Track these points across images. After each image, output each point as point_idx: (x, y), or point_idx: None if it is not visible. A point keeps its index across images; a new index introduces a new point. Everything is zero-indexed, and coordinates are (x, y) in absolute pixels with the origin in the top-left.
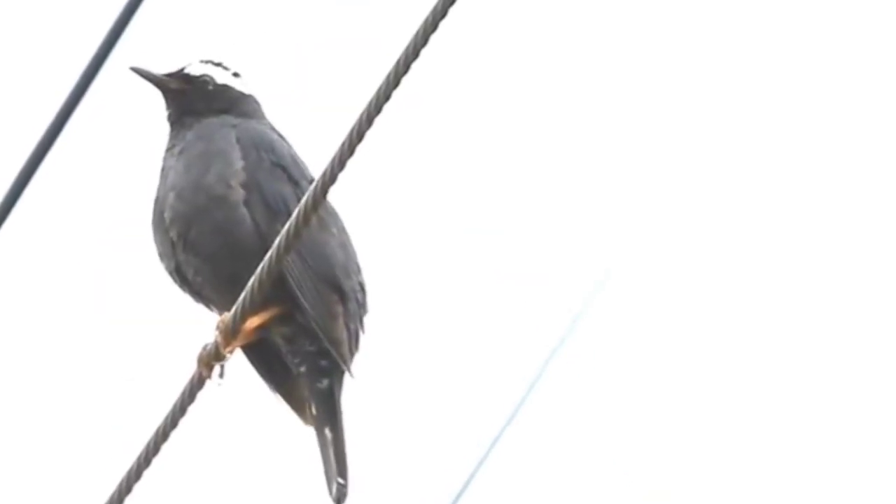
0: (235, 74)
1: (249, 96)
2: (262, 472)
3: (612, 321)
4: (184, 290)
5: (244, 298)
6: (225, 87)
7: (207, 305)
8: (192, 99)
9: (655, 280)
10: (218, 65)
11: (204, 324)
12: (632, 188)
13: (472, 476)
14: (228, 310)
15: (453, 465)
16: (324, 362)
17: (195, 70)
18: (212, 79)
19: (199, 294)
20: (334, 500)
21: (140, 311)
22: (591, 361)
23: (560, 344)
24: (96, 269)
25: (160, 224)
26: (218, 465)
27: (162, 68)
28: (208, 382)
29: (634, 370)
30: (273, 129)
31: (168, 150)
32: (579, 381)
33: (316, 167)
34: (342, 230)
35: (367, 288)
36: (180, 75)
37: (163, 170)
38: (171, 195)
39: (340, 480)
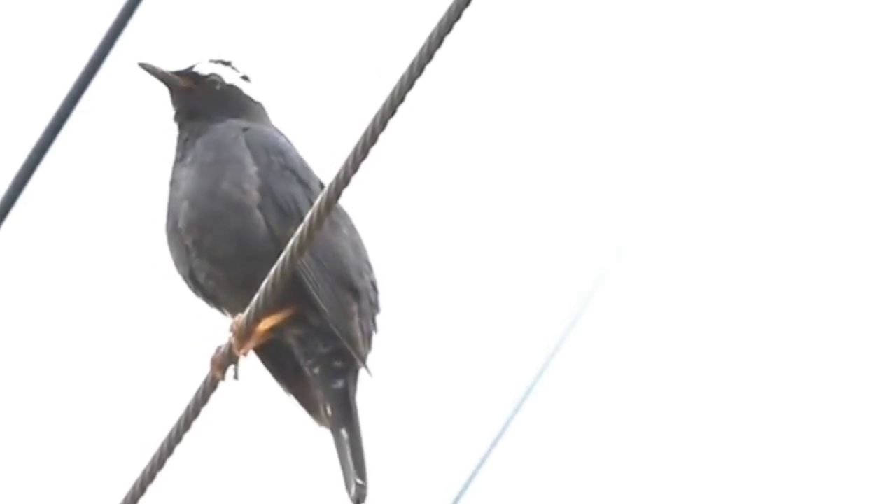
0: (245, 78)
1: (258, 103)
2: (277, 474)
3: (623, 303)
4: (197, 294)
5: (258, 300)
6: (232, 88)
7: (220, 309)
8: (200, 99)
9: (666, 261)
10: (227, 65)
11: (218, 325)
12: (641, 169)
13: (473, 474)
14: (241, 312)
15: (454, 463)
16: (338, 363)
17: (204, 69)
18: (220, 79)
19: (211, 298)
20: (353, 501)
21: (154, 312)
22: (598, 352)
23: (570, 329)
24: (110, 269)
25: (175, 233)
26: (232, 467)
27: (165, 66)
28: (222, 384)
29: (642, 360)
30: (280, 132)
31: (178, 160)
32: (586, 372)
33: (327, 170)
34: (352, 230)
35: (379, 287)
36: (189, 73)
37: (173, 181)
38: (185, 203)
39: (359, 481)
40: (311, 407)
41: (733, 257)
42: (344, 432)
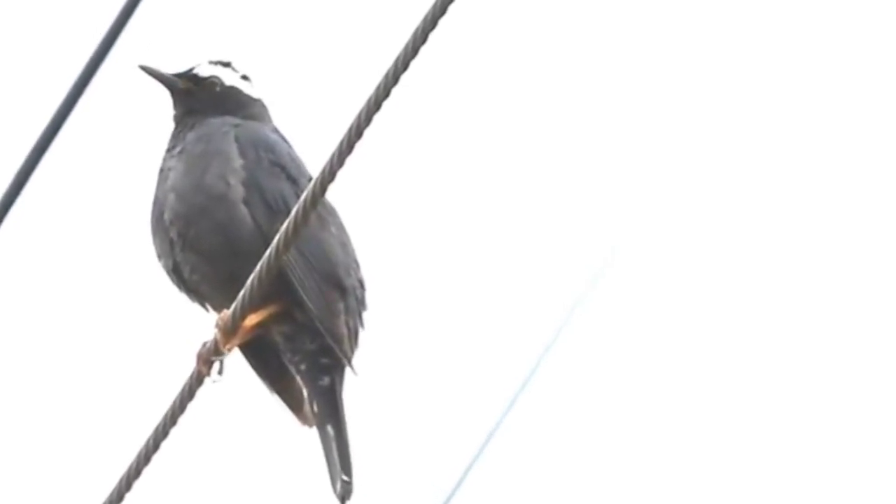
0: (244, 77)
1: (257, 100)
2: (263, 471)
3: (618, 301)
4: (180, 289)
5: (244, 296)
6: (233, 89)
7: (203, 304)
8: (200, 100)
9: (661, 259)
10: (227, 66)
11: (204, 321)
12: (636, 168)
13: (465, 473)
14: (226, 308)
15: (447, 462)
16: (324, 360)
17: (204, 71)
18: (220, 80)
19: (195, 292)
20: (339, 498)
21: (139, 307)
22: (592, 351)
23: (562, 328)
24: (100, 267)
25: (159, 224)
26: (218, 462)
27: (163, 66)
28: (208, 380)
29: (637, 358)
30: (276, 130)
31: (168, 150)
32: (579, 371)
33: (316, 165)
34: (340, 227)
35: (366, 284)
36: (189, 75)
37: (161, 171)
38: (171, 196)
39: (345, 478)
40: (294, 405)
41: (728, 256)
42: (330, 429)
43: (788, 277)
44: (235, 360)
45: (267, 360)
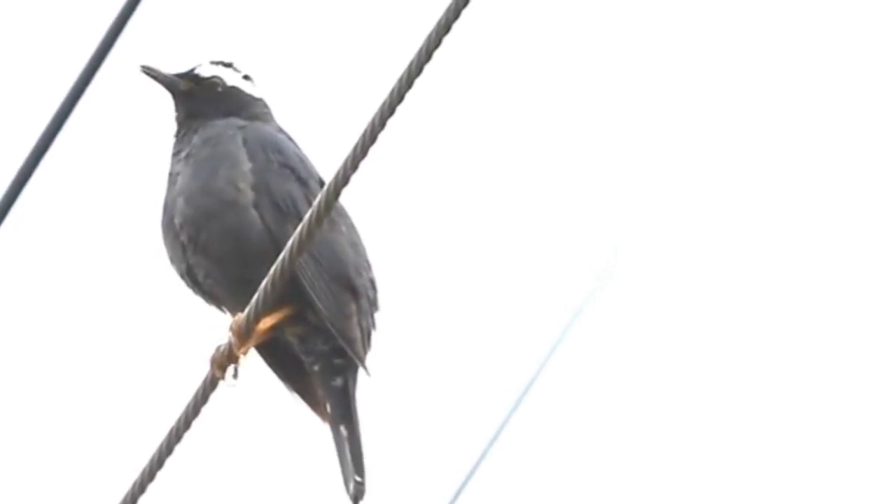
0: (246, 77)
1: (259, 100)
2: (276, 473)
3: (621, 302)
4: (195, 292)
5: (257, 299)
6: (234, 90)
7: (219, 307)
8: (201, 100)
9: (664, 260)
10: (228, 66)
11: (217, 325)
12: (639, 167)
13: (471, 472)
14: (240, 310)
15: (454, 462)
16: (337, 360)
17: (205, 71)
18: (221, 80)
19: (210, 295)
20: (352, 499)
21: (152, 312)
22: (596, 352)
23: (566, 329)
24: (110, 269)
25: (170, 229)
26: (232, 465)
27: (164, 66)
28: (221, 383)
29: (641, 359)
30: (281, 130)
31: (174, 154)
32: (584, 371)
33: (328, 169)
34: (351, 227)
35: (378, 285)
36: (190, 76)
37: (170, 175)
38: (181, 200)
39: (358, 478)
40: (313, 403)
41: (731, 256)
42: (343, 429)
43: (790, 279)
44: (248, 364)
45: (284, 361)
